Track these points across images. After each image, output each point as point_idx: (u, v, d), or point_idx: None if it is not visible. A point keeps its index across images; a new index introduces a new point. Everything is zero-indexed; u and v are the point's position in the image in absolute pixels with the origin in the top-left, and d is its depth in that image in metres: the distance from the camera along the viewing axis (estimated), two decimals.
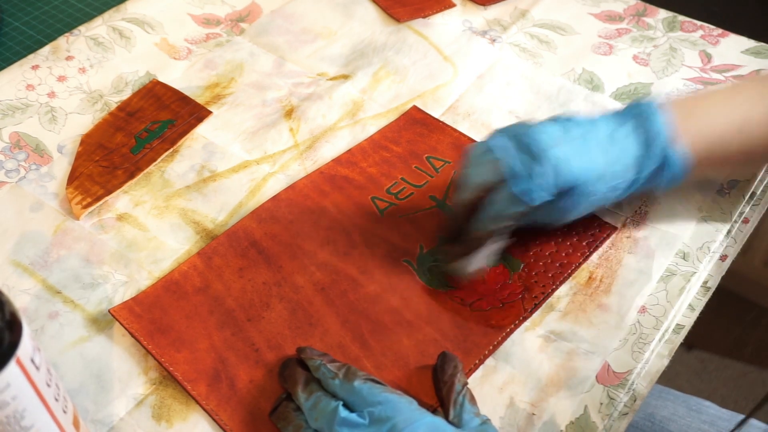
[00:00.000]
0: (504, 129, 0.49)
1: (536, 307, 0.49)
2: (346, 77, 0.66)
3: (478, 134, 0.61)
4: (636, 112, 0.49)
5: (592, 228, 0.54)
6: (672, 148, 0.48)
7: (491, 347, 0.47)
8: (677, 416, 0.58)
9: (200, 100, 0.64)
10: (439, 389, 0.43)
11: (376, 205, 0.55)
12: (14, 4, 0.75)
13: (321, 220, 0.54)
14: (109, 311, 0.49)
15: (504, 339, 0.48)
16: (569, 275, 0.51)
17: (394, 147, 0.59)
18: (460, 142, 0.60)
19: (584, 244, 0.53)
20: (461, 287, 0.50)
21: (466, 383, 0.43)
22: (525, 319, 0.49)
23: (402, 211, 0.55)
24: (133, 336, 0.48)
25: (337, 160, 0.58)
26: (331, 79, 0.66)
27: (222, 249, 0.52)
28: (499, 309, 0.49)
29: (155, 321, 0.48)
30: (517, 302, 0.50)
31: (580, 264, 0.52)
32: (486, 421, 0.41)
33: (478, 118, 0.62)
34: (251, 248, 0.52)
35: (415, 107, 0.63)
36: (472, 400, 0.42)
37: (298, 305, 0.49)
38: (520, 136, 0.47)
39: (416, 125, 0.61)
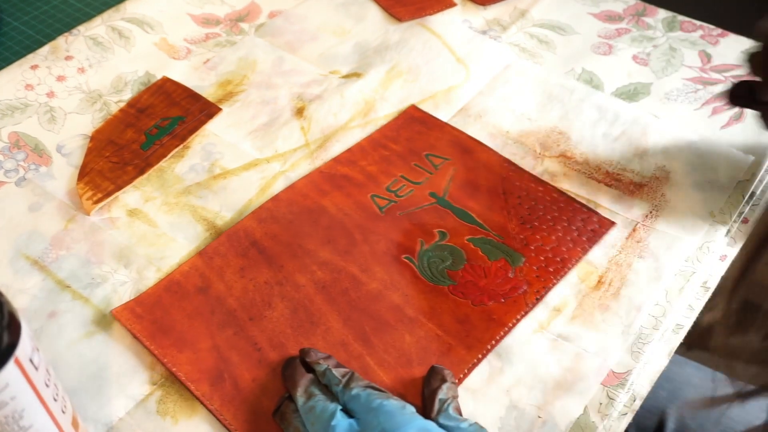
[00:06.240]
0: None
1: (537, 301, 0.49)
2: (358, 75, 0.66)
3: (488, 136, 0.61)
4: None
5: (592, 223, 0.54)
6: None
7: (493, 342, 0.47)
8: (737, 404, 0.58)
9: (212, 98, 0.64)
10: (425, 401, 0.43)
11: (376, 203, 0.55)
12: (14, 4, 0.75)
13: (321, 219, 0.54)
14: (110, 312, 0.49)
15: (506, 334, 0.48)
16: (570, 270, 0.51)
17: (393, 145, 0.60)
18: (458, 139, 0.60)
19: (584, 239, 0.53)
20: (462, 283, 0.50)
21: (455, 396, 0.43)
22: (526, 313, 0.49)
23: (402, 208, 0.55)
24: (135, 337, 0.48)
25: (337, 159, 0.58)
26: (343, 77, 0.66)
27: (223, 249, 0.52)
28: (500, 304, 0.49)
29: (157, 321, 0.48)
30: (518, 297, 0.50)
31: (580, 258, 0.52)
32: (474, 424, 0.40)
33: (489, 119, 0.62)
34: (252, 248, 0.52)
35: (413, 106, 0.63)
36: (457, 411, 0.42)
37: (299, 304, 0.49)
38: None
39: (415, 123, 0.61)
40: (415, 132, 0.61)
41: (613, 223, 0.54)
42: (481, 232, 0.53)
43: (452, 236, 0.53)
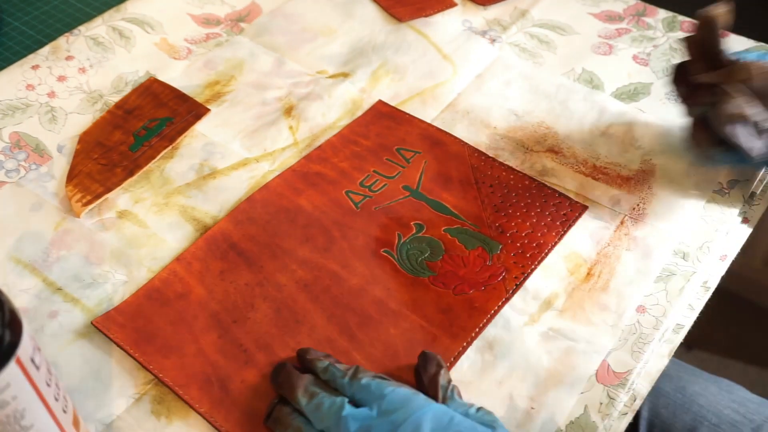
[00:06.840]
0: None
1: (518, 287, 0.50)
2: (346, 75, 0.66)
3: (476, 133, 0.61)
4: None
5: (564, 208, 0.55)
6: None
7: (477, 329, 0.48)
8: (708, 393, 0.59)
9: (200, 99, 0.64)
10: (425, 389, 0.43)
11: (351, 198, 0.56)
12: (14, 4, 0.75)
13: (297, 217, 0.55)
14: (92, 323, 0.48)
15: (489, 321, 0.49)
16: (546, 255, 0.52)
17: (363, 141, 0.60)
18: (427, 132, 0.61)
19: (558, 223, 0.54)
20: (442, 273, 0.51)
21: (450, 380, 0.43)
22: (508, 300, 0.50)
23: (377, 202, 0.56)
24: (118, 346, 0.47)
25: (308, 157, 0.59)
26: (330, 77, 0.66)
27: (200, 253, 0.52)
28: (481, 292, 0.50)
29: (139, 329, 0.48)
30: (498, 284, 0.50)
31: (556, 243, 0.53)
32: (481, 408, 0.41)
33: (477, 116, 0.62)
34: (230, 250, 0.52)
35: (380, 101, 0.63)
36: (459, 396, 0.43)
37: (282, 304, 0.50)
38: None
39: (383, 119, 0.62)
40: (385, 127, 0.61)
41: (585, 207, 0.55)
42: (457, 222, 0.54)
43: (429, 228, 0.54)
